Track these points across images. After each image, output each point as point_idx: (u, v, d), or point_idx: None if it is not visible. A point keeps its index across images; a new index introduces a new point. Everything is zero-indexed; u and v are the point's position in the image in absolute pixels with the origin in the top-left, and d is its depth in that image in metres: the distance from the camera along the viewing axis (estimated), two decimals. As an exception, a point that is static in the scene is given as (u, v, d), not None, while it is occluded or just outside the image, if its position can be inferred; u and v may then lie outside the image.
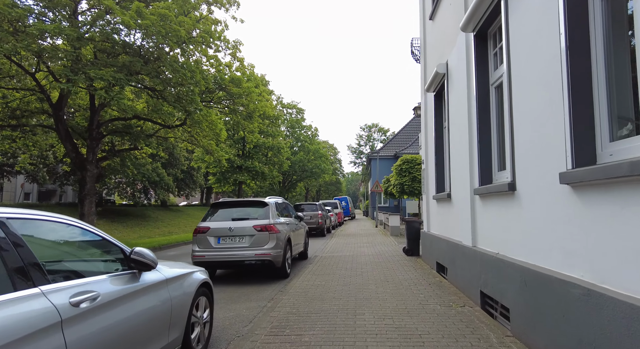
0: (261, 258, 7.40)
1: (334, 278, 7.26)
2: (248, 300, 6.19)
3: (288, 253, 8.24)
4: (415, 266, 8.33)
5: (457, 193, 6.16)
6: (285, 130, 47.20)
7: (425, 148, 8.80)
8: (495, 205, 4.56)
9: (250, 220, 7.71)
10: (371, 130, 78.31)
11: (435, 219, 8.08)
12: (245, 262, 7.43)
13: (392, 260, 9.45)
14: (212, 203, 8.27)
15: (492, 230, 4.66)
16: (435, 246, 7.68)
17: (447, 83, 6.87)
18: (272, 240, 7.55)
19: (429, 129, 8.55)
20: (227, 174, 33.33)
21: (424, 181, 8.95)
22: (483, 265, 4.75)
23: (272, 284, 7.45)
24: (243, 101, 16.87)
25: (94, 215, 15.80)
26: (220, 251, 7.50)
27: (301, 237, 10.09)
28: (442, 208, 7.35)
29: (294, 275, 8.11)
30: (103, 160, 16.96)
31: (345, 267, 8.44)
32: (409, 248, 10.11)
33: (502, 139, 4.83)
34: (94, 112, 15.42)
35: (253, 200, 8.32)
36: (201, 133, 18.65)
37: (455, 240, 6.23)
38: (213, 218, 7.92)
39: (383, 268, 8.17)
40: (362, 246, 13.15)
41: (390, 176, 23.09)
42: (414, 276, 7.16)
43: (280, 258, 7.65)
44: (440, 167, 7.80)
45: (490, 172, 5.00)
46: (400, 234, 17.25)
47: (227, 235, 7.54)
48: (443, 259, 7.04)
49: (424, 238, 8.95)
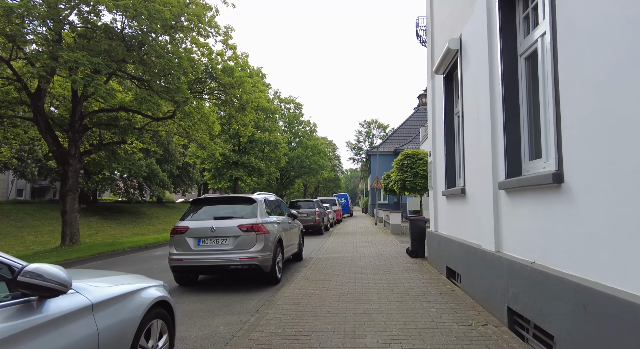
0: (247, 262, 6.49)
1: (330, 285, 6.36)
2: (229, 313, 5.29)
3: (279, 256, 7.34)
4: (421, 271, 7.44)
5: (474, 188, 5.25)
6: (282, 126, 46.24)
7: (433, 139, 7.89)
8: (529, 202, 3.66)
9: (235, 218, 6.80)
10: (370, 126, 77.35)
11: (444, 218, 7.18)
12: (229, 267, 6.52)
13: (394, 262, 8.56)
14: (193, 200, 7.35)
15: (524, 232, 3.76)
16: (445, 249, 6.78)
17: (460, 61, 5.94)
18: (259, 241, 6.64)
19: (437, 117, 7.63)
20: (222, 170, 32.39)
21: (431, 175, 8.05)
22: (512, 276, 3.85)
23: (259, 291, 6.55)
24: (235, 92, 15.90)
25: (77, 212, 14.87)
26: (200, 254, 6.59)
27: (295, 237, 9.19)
28: (454, 206, 6.45)
29: (286, 280, 7.21)
30: (87, 154, 16.00)
31: (343, 271, 7.54)
32: (413, 249, 9.22)
33: (535, 121, 3.93)
34: (76, 102, 14.45)
35: (239, 196, 7.40)
36: (193, 127, 17.72)
37: (471, 243, 5.33)
38: (193, 216, 7.01)
39: (385, 273, 7.27)
40: (361, 246, 12.26)
41: (391, 172, 22.19)
42: (421, 283, 6.27)
43: (269, 261, 6.74)
44: (450, 159, 6.89)
45: (519, 161, 4.10)
46: (401, 232, 16.37)
47: (209, 235, 6.63)
48: (455, 264, 6.14)
49: (431, 238, 8.06)
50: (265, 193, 8.30)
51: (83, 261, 10.59)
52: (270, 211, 7.82)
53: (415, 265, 8.18)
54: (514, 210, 4.00)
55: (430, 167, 8.12)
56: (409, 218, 9.33)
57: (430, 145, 8.07)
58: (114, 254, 12.25)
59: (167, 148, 44.93)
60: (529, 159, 3.99)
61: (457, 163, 6.80)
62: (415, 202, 21.84)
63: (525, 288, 3.54)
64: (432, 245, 7.90)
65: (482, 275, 4.75)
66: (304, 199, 20.17)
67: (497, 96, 4.39)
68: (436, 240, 7.55)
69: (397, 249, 11.05)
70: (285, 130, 46.21)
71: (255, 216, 6.84)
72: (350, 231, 19.22)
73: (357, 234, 17.09)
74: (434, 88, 7.92)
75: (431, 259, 8.09)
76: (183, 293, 6.61)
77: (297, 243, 9.42)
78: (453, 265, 6.26)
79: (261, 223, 6.78)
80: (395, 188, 18.32)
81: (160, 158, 43.93)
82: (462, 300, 5.14)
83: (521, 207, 3.84)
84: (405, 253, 9.89)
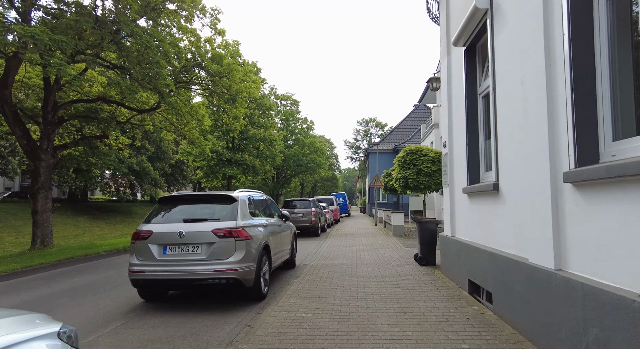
0: (223, 275, 5.24)
1: (326, 304, 5.11)
2: (194, 345, 4.04)
3: (265, 266, 6.09)
4: (435, 283, 6.21)
5: (516, 182, 4.02)
6: (279, 123, 44.96)
7: (449, 126, 6.66)
8: (624, 201, 2.42)
9: (209, 221, 5.53)
10: (368, 125, 76.19)
11: (465, 220, 5.94)
12: (201, 281, 5.27)
13: (402, 272, 7.33)
14: (160, 198, 6.07)
15: (614, 246, 2.53)
16: (467, 259, 5.55)
17: (491, 23, 4.71)
18: (239, 249, 5.39)
19: (455, 99, 6.39)
20: (215, 168, 31.13)
21: (446, 170, 6.81)
22: (594, 310, 2.62)
23: (239, 311, 5.30)
24: (225, 82, 14.60)
25: (50, 211, 13.54)
26: (166, 265, 5.33)
27: (286, 242, 7.94)
28: (480, 206, 5.22)
29: (273, 296, 5.97)
30: (62, 148, 14.68)
31: (342, 284, 6.30)
32: (422, 256, 7.99)
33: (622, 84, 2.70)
34: (48, 91, 13.13)
35: (216, 194, 6.13)
36: (181, 121, 16.42)
37: (509, 254, 4.10)
38: (159, 218, 5.74)
39: (393, 286, 6.03)
40: (362, 250, 11.02)
41: (392, 170, 20.98)
42: (440, 302, 5.03)
43: (251, 274, 5.49)
44: (473, 148, 5.66)
45: (596, 142, 2.86)
46: (404, 235, 15.15)
47: (177, 242, 5.37)
48: (482, 278, 4.91)
49: (446, 244, 6.83)
50: (251, 190, 7.05)
51: (46, 267, 9.30)
52: (256, 212, 6.57)
53: (427, 275, 6.94)
54: (591, 212, 2.77)
55: (444, 160, 6.88)
56: (418, 220, 8.10)
57: (445, 134, 6.84)
58: (87, 259, 10.98)
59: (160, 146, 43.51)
60: (613, 138, 2.76)
61: (481, 154, 5.57)
62: (418, 202, 20.63)
63: (627, 335, 2.31)
64: (448, 252, 6.67)
65: (531, 299, 3.52)
66: (299, 198, 18.89)
67: (556, 57, 3.16)
68: (453, 247, 6.32)
69: (403, 254, 9.81)
70: (281, 128, 44.92)
71: (235, 218, 5.58)
72: (349, 232, 17.98)
73: (357, 236, 15.86)
74: (450, 65, 6.68)
75: (446, 268, 6.86)
76: (144, 312, 5.36)
77: (288, 249, 8.17)
78: (479, 280, 5.02)
79: (242, 227, 5.52)
80: (397, 186, 17.09)
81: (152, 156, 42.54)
82: (500, 330, 3.91)
83: (606, 209, 2.60)
84: (412, 260, 8.66)
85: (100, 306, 5.72)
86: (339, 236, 15.81)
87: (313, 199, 18.30)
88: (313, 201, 17.73)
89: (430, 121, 27.59)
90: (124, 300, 6.04)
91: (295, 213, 16.63)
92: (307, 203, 17.18)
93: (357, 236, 15.85)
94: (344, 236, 16.05)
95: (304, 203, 17.31)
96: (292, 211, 16.67)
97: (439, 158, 16.38)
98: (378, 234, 16.56)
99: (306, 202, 17.32)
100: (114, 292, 6.54)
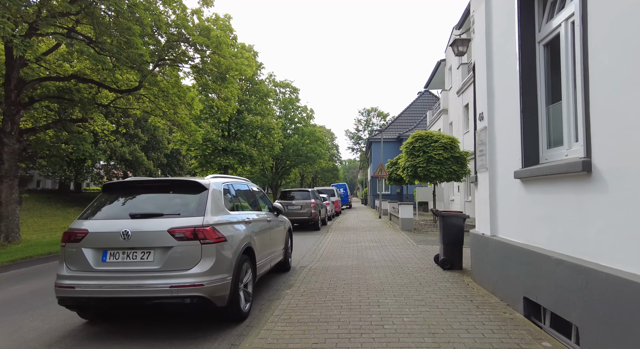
0: (184, 292, 3.73)
1: (329, 335, 3.61)
2: None
3: (247, 275, 4.59)
4: (471, 297, 4.71)
5: (635, 159, 2.48)
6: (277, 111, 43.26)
7: (488, 92, 5.09)
8: None
9: (166, 217, 4.00)
10: (370, 115, 74.38)
11: (517, 215, 4.40)
12: (152, 301, 3.76)
13: (423, 279, 5.82)
14: (104, 185, 4.51)
15: None
16: (521, 268, 4.04)
17: None
18: (207, 255, 3.87)
19: (500, 54, 4.82)
20: (210, 157, 29.56)
21: (483, 150, 5.26)
22: None
23: (208, 339, 3.80)
24: (214, 58, 12.97)
25: (16, 203, 12.03)
26: (104, 278, 3.81)
27: (278, 241, 6.44)
28: (546, 195, 3.67)
29: (258, 315, 4.48)
30: (31, 132, 13.11)
31: (349, 300, 4.78)
32: (446, 258, 6.48)
33: None
34: (10, 67, 11.52)
35: (179, 180, 4.56)
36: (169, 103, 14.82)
37: (626, 274, 2.58)
38: (100, 212, 4.22)
39: (417, 303, 4.53)
40: (368, 247, 9.53)
41: (398, 158, 19.43)
42: (490, 333, 3.53)
43: (225, 289, 3.99)
44: (530, 117, 4.10)
45: None
46: (414, 229, 13.66)
47: (120, 246, 3.85)
48: (557, 302, 3.39)
49: (481, 245, 5.32)
50: (231, 177, 5.51)
51: (-6, 269, 7.81)
52: (237, 204, 5.05)
53: (457, 285, 5.44)
54: None
55: (481, 137, 5.32)
56: (440, 213, 6.58)
57: (482, 102, 5.27)
58: (48, 258, 9.48)
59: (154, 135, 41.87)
60: None
61: (542, 124, 4.03)
62: (426, 193, 19.10)
63: None
64: (485, 255, 5.15)
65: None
66: (297, 189, 17.35)
67: None
68: (495, 250, 4.80)
69: (417, 254, 8.32)
70: (280, 116, 43.22)
71: (203, 213, 4.05)
72: (352, 226, 16.49)
73: (360, 230, 14.37)
74: (491, 12, 5.09)
75: (480, 276, 5.35)
76: (83, 338, 3.86)
77: (281, 249, 6.67)
78: (548, 302, 3.51)
79: (212, 225, 4.00)
80: (404, 175, 15.56)
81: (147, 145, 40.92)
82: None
83: None
84: (432, 262, 7.17)
85: (24, 331, 4.22)
86: (341, 230, 14.32)
87: (313, 190, 16.78)
88: (312, 192, 16.21)
89: (437, 107, 25.95)
90: (59, 321, 4.54)
91: (293, 205, 15.14)
92: (306, 194, 15.65)
93: (361, 230, 14.36)
94: (347, 230, 14.57)
95: (302, 194, 15.78)
96: (290, 203, 15.19)
97: (452, 144, 14.80)
98: (384, 228, 15.07)
99: (305, 193, 15.80)
100: (51, 309, 5.01)
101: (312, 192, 16.11)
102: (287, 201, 15.27)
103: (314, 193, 16.28)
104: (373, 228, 15.15)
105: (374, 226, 16.02)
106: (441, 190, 20.56)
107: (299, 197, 15.57)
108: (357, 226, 15.97)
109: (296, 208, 15.05)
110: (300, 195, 15.73)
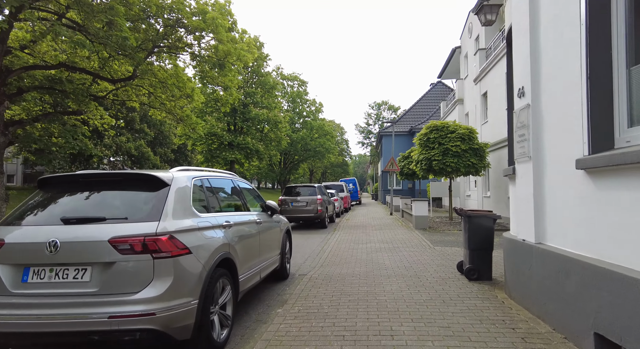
0: (128, 325, 2.75)
1: (323, 387, 2.59)
2: None
3: (224, 295, 3.61)
4: (512, 324, 3.64)
5: None
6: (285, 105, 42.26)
7: (531, 60, 3.98)
8: None
9: (108, 222, 3.02)
10: (380, 108, 72.88)
11: (581, 219, 3.29)
12: (86, 336, 2.79)
13: (446, 294, 4.76)
14: (40, 179, 3.53)
15: None
16: (592, 292, 2.96)
17: None
18: (163, 274, 2.89)
19: (551, 8, 3.70)
20: (215, 152, 28.75)
21: (525, 134, 4.16)
22: None
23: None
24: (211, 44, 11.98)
25: (3, 200, 11.28)
26: (25, 305, 2.85)
27: (272, 246, 5.43)
28: (633, 194, 2.58)
29: (238, 343, 3.49)
30: (18, 124, 12.32)
31: (354, 327, 3.75)
32: (473, 267, 5.40)
33: None
34: (-8, 54, 10.70)
35: (132, 173, 3.55)
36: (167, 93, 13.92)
37: None
38: (27, 217, 3.26)
39: (441, 332, 3.48)
40: (378, 249, 8.48)
41: (411, 151, 18.27)
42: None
43: (187, 317, 3.00)
44: (602, 85, 3.00)
45: None
46: (429, 227, 12.55)
47: (46, 262, 2.89)
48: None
49: (520, 254, 4.23)
50: (209, 170, 4.51)
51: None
52: (212, 205, 4.04)
53: (489, 303, 4.37)
54: None
55: (522, 119, 4.21)
56: (466, 213, 5.49)
57: (522, 74, 4.16)
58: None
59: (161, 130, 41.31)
60: None
61: (619, 94, 2.93)
62: (441, 188, 17.91)
63: None
64: (530, 268, 4.06)
65: None
66: (302, 184, 16.35)
67: None
68: (547, 263, 3.71)
69: (435, 258, 7.25)
70: (288, 110, 42.21)
71: (158, 217, 3.05)
72: (361, 223, 15.44)
73: (370, 228, 13.31)
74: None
75: (521, 293, 4.27)
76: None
77: (276, 254, 5.67)
78: None
79: (170, 233, 3.00)
80: (418, 169, 14.44)
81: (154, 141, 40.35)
82: None
83: None
84: (454, 269, 6.10)
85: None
86: (349, 229, 13.29)
87: (319, 185, 15.74)
88: (319, 187, 15.18)
89: (452, 97, 24.62)
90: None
91: (298, 202, 14.14)
92: (312, 190, 14.63)
93: (371, 228, 13.31)
94: (356, 228, 13.52)
95: (308, 189, 14.77)
96: (295, 200, 14.20)
97: (470, 135, 13.60)
98: (395, 226, 13.99)
99: (311, 189, 14.78)
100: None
101: (319, 188, 15.09)
102: (292, 198, 14.29)
103: (320, 188, 15.26)
104: (384, 226, 14.08)
105: (385, 224, 14.94)
106: (457, 184, 19.34)
107: (305, 193, 14.56)
108: (367, 224, 14.92)
109: (301, 205, 14.05)
110: (305, 190, 14.72)
